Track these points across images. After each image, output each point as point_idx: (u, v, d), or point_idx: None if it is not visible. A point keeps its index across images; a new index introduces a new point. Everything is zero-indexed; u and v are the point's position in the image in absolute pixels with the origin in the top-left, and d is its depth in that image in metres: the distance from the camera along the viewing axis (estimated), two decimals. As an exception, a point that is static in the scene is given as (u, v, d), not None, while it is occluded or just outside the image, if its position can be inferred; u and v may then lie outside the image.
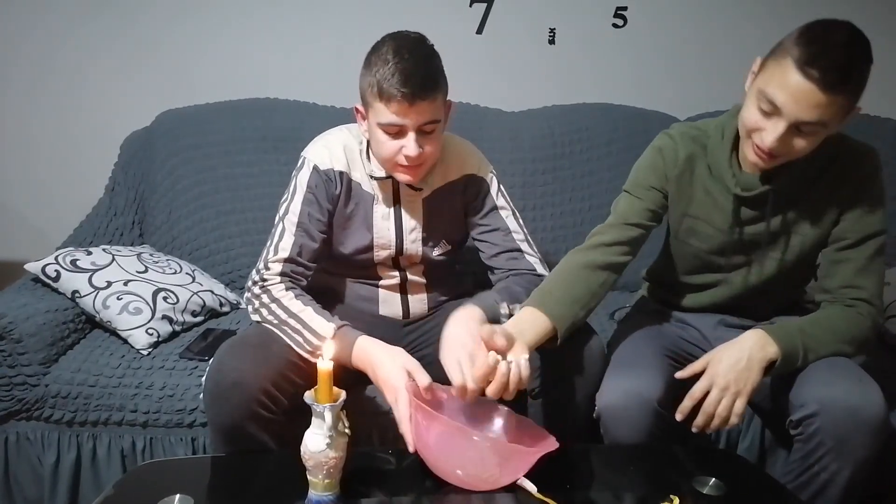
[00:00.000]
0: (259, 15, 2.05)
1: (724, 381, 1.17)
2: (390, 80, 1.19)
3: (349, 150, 1.37)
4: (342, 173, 1.36)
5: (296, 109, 1.97)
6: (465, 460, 1.03)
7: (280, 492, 1.06)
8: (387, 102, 1.21)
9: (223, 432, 1.19)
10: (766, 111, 1.12)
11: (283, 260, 1.31)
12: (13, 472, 1.50)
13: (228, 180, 1.89)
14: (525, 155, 1.96)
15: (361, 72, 1.27)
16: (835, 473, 1.17)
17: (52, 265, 1.60)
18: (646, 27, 2.08)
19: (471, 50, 2.09)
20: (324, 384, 0.96)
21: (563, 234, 1.96)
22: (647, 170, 1.37)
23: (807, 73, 1.07)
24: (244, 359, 1.20)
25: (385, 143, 1.26)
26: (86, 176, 2.07)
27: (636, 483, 1.14)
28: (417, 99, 1.20)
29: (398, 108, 1.21)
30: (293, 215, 1.34)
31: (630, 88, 2.12)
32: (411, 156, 1.25)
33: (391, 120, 1.22)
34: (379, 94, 1.21)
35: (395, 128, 1.24)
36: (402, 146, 1.25)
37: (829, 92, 1.06)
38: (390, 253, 1.41)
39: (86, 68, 2.06)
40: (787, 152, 1.15)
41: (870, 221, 1.25)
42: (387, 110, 1.22)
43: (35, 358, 1.46)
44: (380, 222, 1.39)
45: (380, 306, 1.46)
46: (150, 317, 1.57)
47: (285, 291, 1.30)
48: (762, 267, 1.34)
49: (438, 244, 1.44)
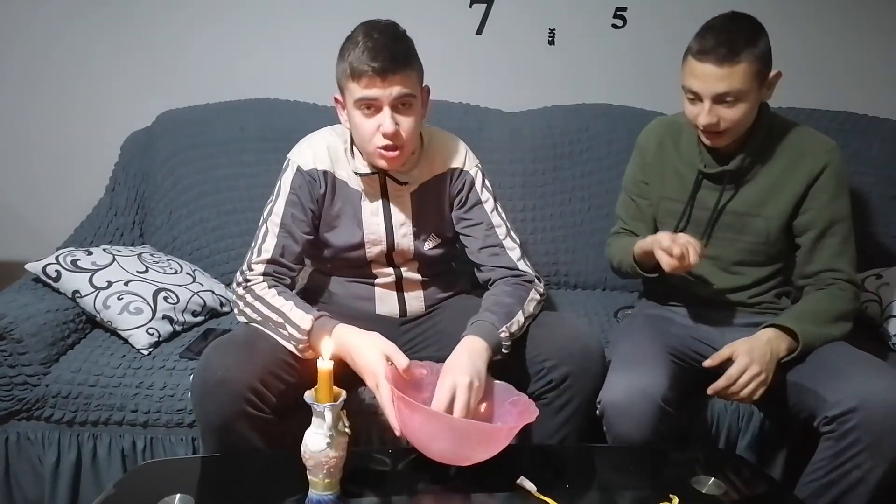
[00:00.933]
0: (259, 15, 2.05)
1: (759, 369, 1.26)
2: (361, 58, 1.23)
3: (333, 149, 1.39)
4: (326, 172, 1.38)
5: (296, 109, 1.97)
6: (450, 442, 1.06)
7: (280, 491, 1.06)
8: (358, 79, 1.24)
9: (212, 430, 1.20)
10: (691, 99, 1.34)
11: (266, 261, 1.34)
12: (14, 472, 1.50)
13: (228, 180, 1.89)
14: (525, 155, 1.96)
15: (336, 62, 1.30)
16: (868, 472, 1.20)
17: (52, 265, 1.61)
18: (645, 27, 2.08)
19: (471, 50, 2.09)
20: (324, 384, 0.96)
21: (563, 234, 1.96)
22: (632, 166, 1.58)
23: (701, 58, 1.29)
24: (231, 357, 1.20)
25: (363, 125, 1.28)
26: (86, 176, 2.07)
27: (636, 483, 1.14)
28: (388, 73, 1.23)
29: (369, 82, 1.23)
30: (276, 216, 1.36)
31: (630, 88, 2.12)
32: (388, 132, 1.25)
33: (364, 94, 1.24)
34: (351, 74, 1.24)
35: (369, 102, 1.25)
36: (378, 125, 1.26)
37: (725, 64, 1.27)
38: (382, 249, 1.42)
39: (86, 68, 2.06)
40: (726, 126, 1.33)
41: (835, 208, 1.39)
42: (359, 86, 1.24)
43: (36, 358, 1.46)
44: (369, 218, 1.40)
45: (376, 305, 1.46)
46: (150, 317, 1.58)
47: (268, 289, 1.32)
48: (733, 245, 1.46)
49: (429, 238, 1.44)
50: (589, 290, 1.97)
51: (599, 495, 1.11)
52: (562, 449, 1.26)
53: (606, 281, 1.96)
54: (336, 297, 1.47)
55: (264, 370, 1.21)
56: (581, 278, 1.98)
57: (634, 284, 1.75)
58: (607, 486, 1.13)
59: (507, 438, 1.07)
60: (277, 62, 2.08)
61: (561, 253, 1.96)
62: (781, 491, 1.15)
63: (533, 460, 1.11)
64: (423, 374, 1.21)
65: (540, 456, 1.12)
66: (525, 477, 1.06)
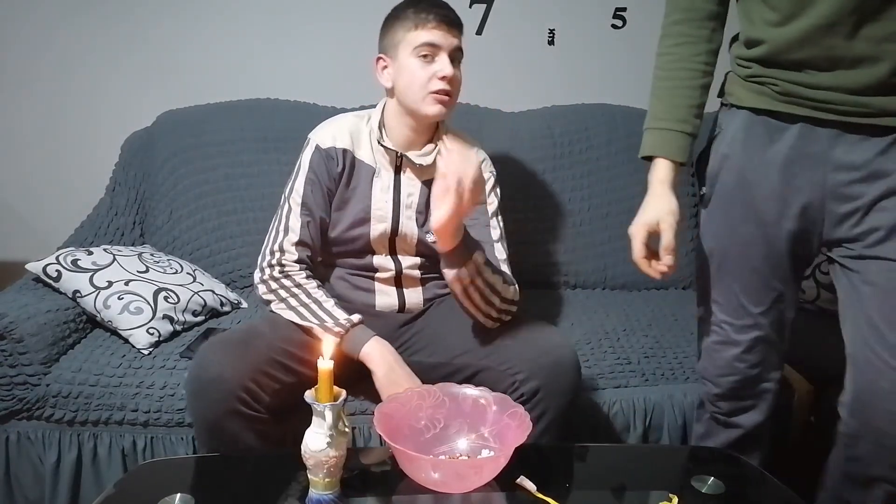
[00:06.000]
0: (260, 15, 2.05)
1: None
2: (426, 7, 1.34)
3: (355, 131, 1.43)
4: (345, 151, 1.41)
5: (296, 109, 1.97)
6: (444, 477, 1.05)
7: (280, 491, 1.06)
8: (423, 25, 1.33)
9: (205, 428, 1.21)
10: None
11: (296, 243, 1.37)
12: (14, 472, 1.50)
13: (229, 180, 1.90)
14: (525, 155, 1.96)
15: (384, 29, 1.39)
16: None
17: (53, 265, 1.61)
18: (645, 27, 2.07)
19: (471, 50, 2.06)
20: (324, 383, 0.96)
21: (563, 233, 1.96)
22: None
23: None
24: (224, 355, 1.21)
25: (418, 72, 1.34)
26: (86, 176, 2.07)
27: (636, 483, 1.14)
28: (451, 24, 1.35)
29: (435, 26, 1.33)
30: (297, 195, 1.39)
31: (630, 88, 2.12)
32: (448, 74, 1.34)
33: (430, 38, 1.33)
34: (415, 25, 1.34)
35: (431, 48, 1.34)
36: (434, 71, 1.34)
37: None
38: (386, 228, 1.43)
39: (87, 68, 2.06)
40: None
41: None
42: (424, 32, 1.33)
43: (36, 357, 1.46)
44: (378, 194, 1.42)
45: (376, 299, 1.47)
46: (150, 316, 1.58)
47: (307, 279, 1.36)
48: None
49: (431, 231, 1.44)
50: (589, 290, 1.98)
51: (599, 495, 1.11)
52: (562, 449, 1.25)
53: (606, 281, 1.96)
54: (337, 289, 1.48)
55: (258, 369, 1.21)
56: (581, 278, 1.98)
57: (635, 283, 1.74)
58: (607, 486, 1.13)
59: (504, 462, 1.06)
60: (277, 62, 2.09)
61: (561, 253, 1.96)
62: (781, 491, 1.15)
63: (533, 460, 1.11)
64: (419, 402, 1.19)
65: (540, 456, 1.12)
66: (525, 477, 1.07)
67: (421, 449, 1.11)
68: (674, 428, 1.52)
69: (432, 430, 1.17)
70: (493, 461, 1.06)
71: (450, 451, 1.16)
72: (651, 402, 1.52)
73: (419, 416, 1.17)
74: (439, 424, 1.17)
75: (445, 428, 1.17)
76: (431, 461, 1.08)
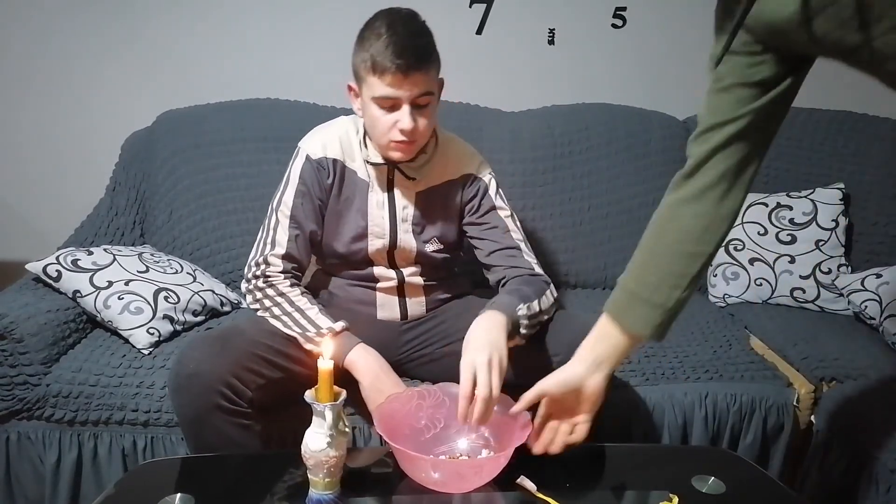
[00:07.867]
0: (259, 15, 2.05)
1: None
2: (384, 53, 1.20)
3: (346, 139, 1.39)
4: (336, 161, 1.37)
5: (296, 109, 1.97)
6: (444, 477, 1.05)
7: (280, 491, 1.06)
8: (381, 75, 1.21)
9: (187, 424, 1.21)
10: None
11: (282, 256, 1.33)
12: (14, 472, 1.50)
13: (229, 180, 1.89)
14: (525, 155, 1.96)
15: (354, 48, 1.28)
16: None
17: (53, 265, 1.61)
18: (645, 27, 2.08)
19: (471, 50, 2.09)
20: (324, 383, 0.96)
21: (563, 234, 1.96)
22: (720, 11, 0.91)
23: None
24: (204, 350, 1.21)
25: (379, 119, 1.27)
26: (86, 176, 2.07)
27: (636, 483, 1.14)
28: (412, 70, 1.21)
29: (392, 79, 1.21)
30: (286, 207, 1.36)
31: (630, 88, 2.12)
32: (406, 129, 1.25)
33: (385, 93, 1.23)
34: (373, 68, 1.22)
35: (390, 101, 1.24)
36: (396, 121, 1.26)
37: None
38: (384, 244, 1.41)
39: (86, 68, 2.06)
40: None
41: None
42: (381, 83, 1.22)
43: (36, 357, 1.46)
44: (374, 210, 1.40)
45: (378, 310, 1.46)
46: (151, 316, 1.58)
47: (290, 287, 1.33)
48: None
49: (431, 240, 1.43)
50: (589, 290, 1.98)
51: (599, 495, 1.11)
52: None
53: (606, 281, 1.96)
54: (337, 299, 1.47)
55: (238, 364, 1.21)
56: (581, 278, 1.98)
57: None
58: (607, 485, 1.13)
59: (504, 462, 1.06)
60: (277, 62, 2.09)
61: (561, 253, 1.96)
62: (781, 491, 1.15)
63: (533, 460, 1.11)
64: (418, 401, 1.19)
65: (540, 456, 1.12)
66: (525, 477, 1.07)
67: (421, 449, 1.11)
68: (674, 428, 1.51)
69: (432, 430, 1.17)
70: (493, 461, 1.06)
71: (450, 451, 1.16)
72: (651, 402, 1.52)
73: (419, 416, 1.17)
74: (439, 424, 1.17)
75: (445, 428, 1.17)
76: (431, 461, 1.08)
